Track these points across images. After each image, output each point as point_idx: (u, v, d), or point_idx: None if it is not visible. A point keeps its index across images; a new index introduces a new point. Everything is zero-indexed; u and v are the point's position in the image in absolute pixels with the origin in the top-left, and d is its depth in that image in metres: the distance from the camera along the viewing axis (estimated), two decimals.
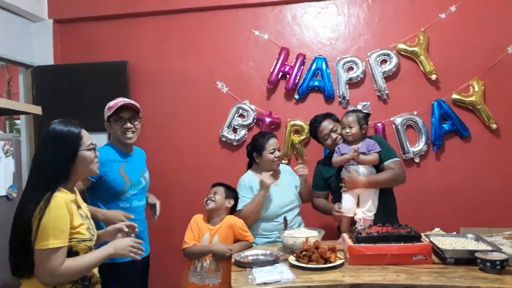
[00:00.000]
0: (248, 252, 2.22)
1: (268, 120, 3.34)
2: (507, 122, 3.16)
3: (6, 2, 3.13)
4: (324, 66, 3.29)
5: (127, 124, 2.27)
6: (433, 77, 3.19)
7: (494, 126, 3.14)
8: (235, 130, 3.41)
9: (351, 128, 2.44)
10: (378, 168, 2.44)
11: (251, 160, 2.70)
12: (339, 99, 3.31)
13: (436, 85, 3.23)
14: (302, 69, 3.33)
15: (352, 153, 2.38)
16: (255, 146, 2.61)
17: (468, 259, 1.86)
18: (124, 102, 2.25)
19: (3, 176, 2.60)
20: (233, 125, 3.40)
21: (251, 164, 2.72)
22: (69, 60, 3.55)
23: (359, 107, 2.52)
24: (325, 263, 1.91)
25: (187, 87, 3.47)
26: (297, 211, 2.61)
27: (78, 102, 3.34)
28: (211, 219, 2.45)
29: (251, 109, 3.37)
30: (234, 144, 3.40)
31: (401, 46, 3.23)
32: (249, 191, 2.55)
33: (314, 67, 3.30)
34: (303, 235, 2.20)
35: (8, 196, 2.62)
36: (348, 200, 2.40)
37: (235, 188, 2.59)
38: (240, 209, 2.53)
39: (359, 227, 2.16)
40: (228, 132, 3.40)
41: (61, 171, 1.57)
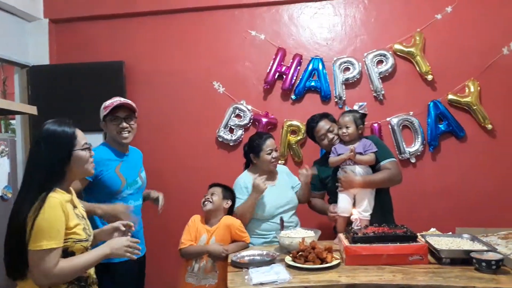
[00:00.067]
0: (244, 253, 2.22)
1: (264, 120, 3.34)
2: (502, 123, 3.18)
3: (1, 2, 3.11)
4: (320, 67, 3.29)
5: (123, 124, 2.26)
6: (429, 77, 3.20)
7: (489, 126, 3.15)
8: (231, 130, 3.41)
9: (347, 128, 2.45)
10: (375, 168, 2.45)
11: (248, 161, 2.70)
12: (336, 100, 3.31)
13: (432, 85, 3.24)
14: (299, 69, 3.33)
15: (349, 153, 2.38)
16: (252, 147, 2.60)
17: (463, 259, 1.87)
18: (120, 101, 2.25)
19: None
20: (229, 125, 3.40)
21: (248, 164, 2.72)
22: (64, 60, 3.54)
23: (356, 107, 2.53)
24: (321, 263, 1.91)
25: (183, 87, 3.47)
26: (293, 212, 2.61)
27: (74, 102, 3.32)
28: (209, 220, 2.44)
29: (248, 110, 3.37)
30: (231, 144, 3.40)
31: (397, 46, 3.24)
32: (244, 191, 2.54)
33: (310, 67, 3.31)
34: (299, 235, 2.20)
35: (3, 196, 2.60)
36: (344, 200, 2.40)
37: (232, 189, 2.58)
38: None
39: (355, 227, 2.16)
40: (224, 132, 3.40)
41: (55, 171, 1.56)
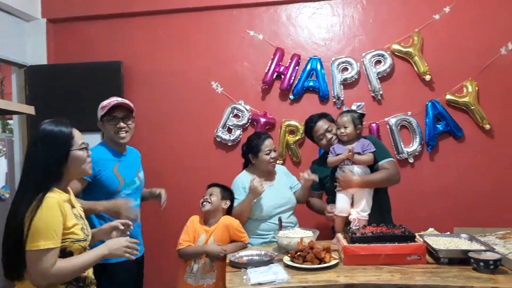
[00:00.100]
0: (242, 253, 2.22)
1: (263, 120, 3.33)
2: (500, 123, 3.18)
3: None
4: (318, 67, 3.29)
5: (120, 124, 2.26)
6: (427, 77, 3.20)
7: (487, 126, 3.16)
8: (229, 130, 3.41)
9: (345, 128, 2.45)
10: (373, 168, 2.45)
11: (247, 161, 2.70)
12: (334, 100, 3.31)
13: (430, 85, 3.25)
14: (297, 69, 3.33)
15: (347, 153, 2.38)
16: (251, 147, 2.60)
17: (461, 259, 1.87)
18: (117, 101, 2.24)
19: None
20: (227, 125, 3.39)
21: (246, 164, 2.72)
22: (62, 59, 3.53)
23: (354, 107, 2.53)
24: (319, 263, 1.91)
25: (181, 87, 3.46)
26: (291, 212, 2.61)
27: (72, 102, 3.31)
28: (208, 221, 2.43)
29: (246, 109, 3.37)
30: (229, 144, 3.40)
31: (396, 46, 3.24)
32: (242, 192, 2.54)
33: (309, 67, 3.31)
34: (297, 235, 2.19)
35: (1, 196, 2.59)
36: (343, 200, 2.40)
37: (231, 188, 2.58)
38: None
39: (354, 227, 2.16)
40: (222, 132, 3.40)
41: (52, 172, 1.55)
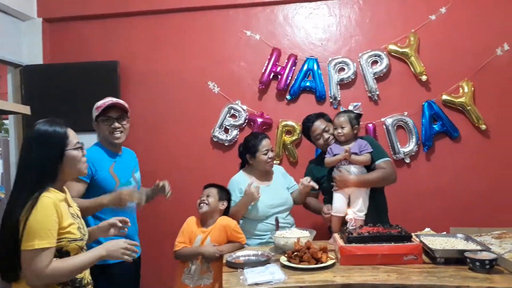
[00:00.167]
0: (239, 253, 2.21)
1: (259, 120, 3.33)
2: (496, 123, 3.19)
3: None
4: (315, 67, 3.30)
5: (115, 124, 2.25)
6: (424, 78, 3.21)
7: (483, 127, 3.17)
8: (226, 131, 3.40)
9: (342, 128, 2.45)
10: (370, 168, 2.45)
11: (243, 161, 2.69)
12: (331, 100, 3.31)
13: (427, 86, 3.25)
14: (294, 69, 3.33)
15: (344, 153, 2.38)
16: (248, 147, 2.60)
17: (458, 259, 1.88)
18: (112, 101, 2.24)
19: None
20: (224, 126, 3.39)
21: (243, 164, 2.71)
22: (58, 59, 3.51)
23: (350, 107, 2.53)
24: (316, 263, 1.91)
25: (178, 87, 3.46)
26: (288, 212, 2.61)
27: (67, 102, 3.29)
28: (205, 222, 2.42)
29: (243, 110, 3.37)
30: (226, 144, 3.39)
31: (392, 47, 3.25)
32: (237, 193, 2.54)
33: (305, 67, 3.31)
34: (294, 235, 2.19)
35: None
36: (339, 199, 2.40)
37: (228, 189, 2.57)
38: None
39: (350, 227, 2.16)
40: (219, 133, 3.39)
41: (47, 171, 1.54)
